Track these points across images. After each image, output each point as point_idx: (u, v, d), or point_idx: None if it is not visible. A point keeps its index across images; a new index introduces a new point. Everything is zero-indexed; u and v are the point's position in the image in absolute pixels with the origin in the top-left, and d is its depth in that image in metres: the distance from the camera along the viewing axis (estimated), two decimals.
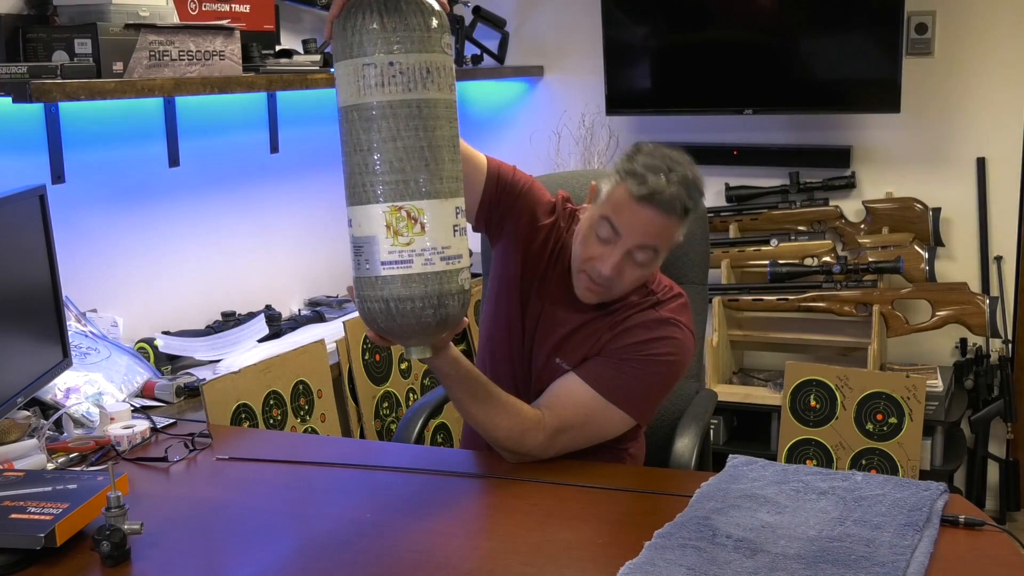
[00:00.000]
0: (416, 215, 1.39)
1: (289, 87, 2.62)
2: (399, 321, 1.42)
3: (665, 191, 1.69)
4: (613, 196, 1.73)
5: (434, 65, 1.39)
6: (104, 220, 2.50)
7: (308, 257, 3.21)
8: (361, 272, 1.43)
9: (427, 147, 1.39)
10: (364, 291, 1.43)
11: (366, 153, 1.39)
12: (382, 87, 1.37)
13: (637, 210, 1.70)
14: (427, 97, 1.39)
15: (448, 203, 1.42)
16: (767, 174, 3.64)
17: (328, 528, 1.53)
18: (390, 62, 1.37)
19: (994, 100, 3.37)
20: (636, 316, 1.79)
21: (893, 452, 2.98)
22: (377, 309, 1.42)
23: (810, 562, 1.34)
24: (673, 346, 1.78)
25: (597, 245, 1.74)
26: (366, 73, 1.37)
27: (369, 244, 1.40)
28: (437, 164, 1.40)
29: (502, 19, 3.78)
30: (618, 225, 1.71)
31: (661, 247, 1.75)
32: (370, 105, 1.38)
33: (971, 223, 3.46)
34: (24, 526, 1.40)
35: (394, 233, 1.39)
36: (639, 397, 1.77)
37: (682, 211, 1.72)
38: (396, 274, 1.39)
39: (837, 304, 3.37)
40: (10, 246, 1.83)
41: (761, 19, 3.50)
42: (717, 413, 3.41)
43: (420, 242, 1.39)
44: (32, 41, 2.11)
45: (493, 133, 3.97)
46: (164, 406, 2.22)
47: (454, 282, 1.42)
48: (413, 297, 1.40)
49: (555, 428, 1.72)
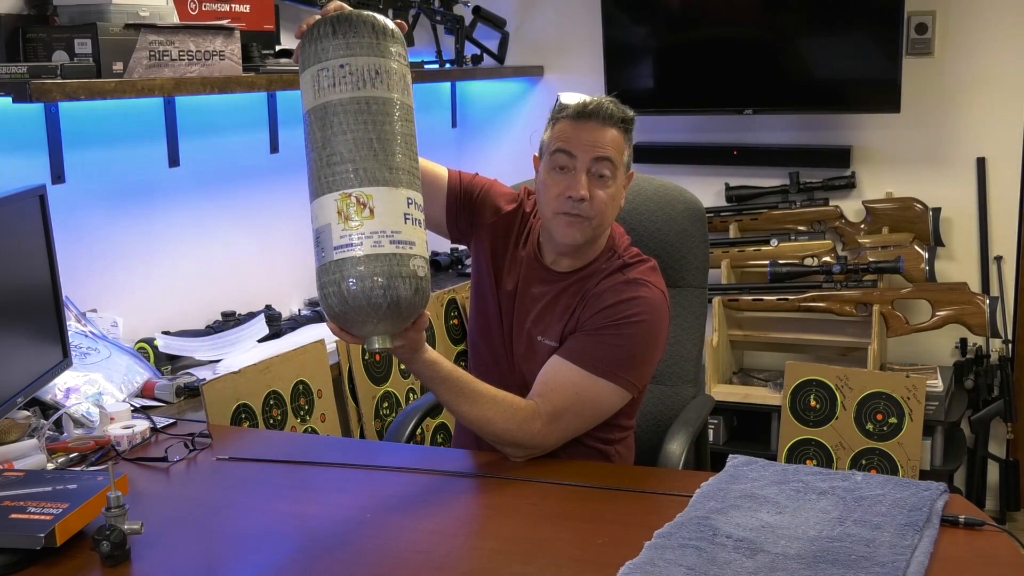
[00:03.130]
0: (365, 200, 1.45)
1: (289, 87, 2.62)
2: (351, 304, 1.46)
3: (594, 103, 1.81)
4: (554, 134, 1.83)
5: (384, 68, 1.50)
6: (104, 220, 2.50)
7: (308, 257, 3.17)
8: (319, 262, 1.49)
9: (376, 139, 1.47)
10: (321, 279, 1.49)
11: (321, 149, 1.48)
12: (334, 87, 1.48)
13: (579, 128, 1.80)
14: (375, 95, 1.48)
15: (398, 192, 1.48)
16: (767, 174, 3.64)
17: (328, 528, 1.53)
18: (341, 64, 1.48)
19: (994, 100, 3.37)
20: (604, 282, 1.83)
21: (893, 452, 2.98)
22: (332, 293, 1.47)
23: (810, 562, 1.34)
24: (643, 305, 1.80)
25: (559, 178, 1.80)
26: (320, 77, 1.49)
27: (325, 232, 1.47)
28: (386, 155, 1.48)
29: (502, 19, 3.78)
30: (569, 148, 1.79)
31: (615, 157, 1.81)
32: (324, 105, 1.48)
33: (971, 223, 3.46)
34: (24, 526, 1.40)
35: (344, 218, 1.45)
36: (622, 364, 1.78)
37: (620, 120, 1.82)
38: (346, 256, 1.45)
39: (837, 304, 3.37)
40: (10, 246, 1.83)
41: (761, 19, 3.50)
42: (717, 413, 3.41)
43: (369, 225, 1.45)
44: (32, 41, 2.11)
45: (493, 133, 3.97)
46: (164, 406, 2.22)
47: (405, 265, 1.46)
48: (362, 277, 1.45)
49: (550, 414, 1.73)
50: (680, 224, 2.17)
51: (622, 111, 1.83)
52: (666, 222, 2.17)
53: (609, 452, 1.88)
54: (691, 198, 2.22)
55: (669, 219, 2.17)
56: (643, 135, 3.76)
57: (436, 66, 3.54)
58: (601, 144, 1.79)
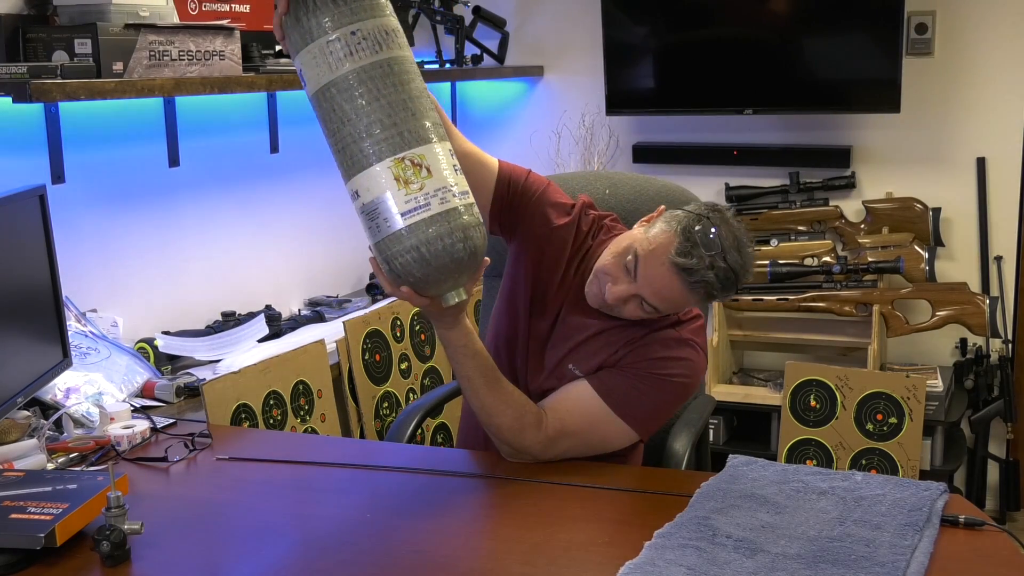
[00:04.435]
0: (419, 160, 1.43)
1: (289, 87, 2.62)
2: (435, 264, 1.45)
3: (698, 272, 1.66)
4: (657, 241, 1.70)
5: (390, 27, 1.47)
6: (104, 220, 2.50)
7: (308, 257, 3.21)
8: (382, 234, 1.45)
9: (409, 99, 1.45)
10: (391, 249, 1.45)
11: (355, 121, 1.43)
12: (352, 55, 1.43)
13: (664, 271, 1.67)
14: (395, 55, 1.46)
15: (442, 145, 1.48)
16: (767, 174, 3.64)
17: (328, 528, 1.53)
18: (352, 31, 1.43)
19: (994, 100, 3.37)
20: (656, 333, 1.78)
21: (893, 452, 2.98)
22: (411, 259, 1.44)
23: (810, 562, 1.34)
24: (687, 368, 1.78)
25: (619, 268, 1.72)
26: (332, 49, 1.43)
27: (382, 204, 1.43)
28: (422, 112, 1.46)
29: (502, 19, 3.78)
30: (640, 272, 1.69)
31: (667, 310, 1.74)
32: (345, 75, 1.43)
33: (971, 223, 3.46)
34: (24, 526, 1.40)
35: (404, 183, 1.42)
36: (647, 414, 1.76)
37: (705, 295, 1.71)
38: (419, 219, 1.42)
39: (837, 304, 3.37)
40: (10, 246, 1.83)
41: (761, 19, 3.50)
42: (717, 413, 3.41)
43: (431, 184, 1.43)
44: (32, 41, 2.12)
45: (493, 133, 3.97)
46: (164, 406, 2.22)
47: (471, 215, 1.47)
48: (441, 236, 1.43)
49: (557, 431, 1.72)
50: None
51: (717, 291, 1.68)
52: None
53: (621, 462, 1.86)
54: (693, 199, 2.21)
55: None
56: (643, 135, 3.77)
57: (436, 66, 3.55)
58: (663, 297, 1.69)
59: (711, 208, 1.74)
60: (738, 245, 1.70)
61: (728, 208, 1.77)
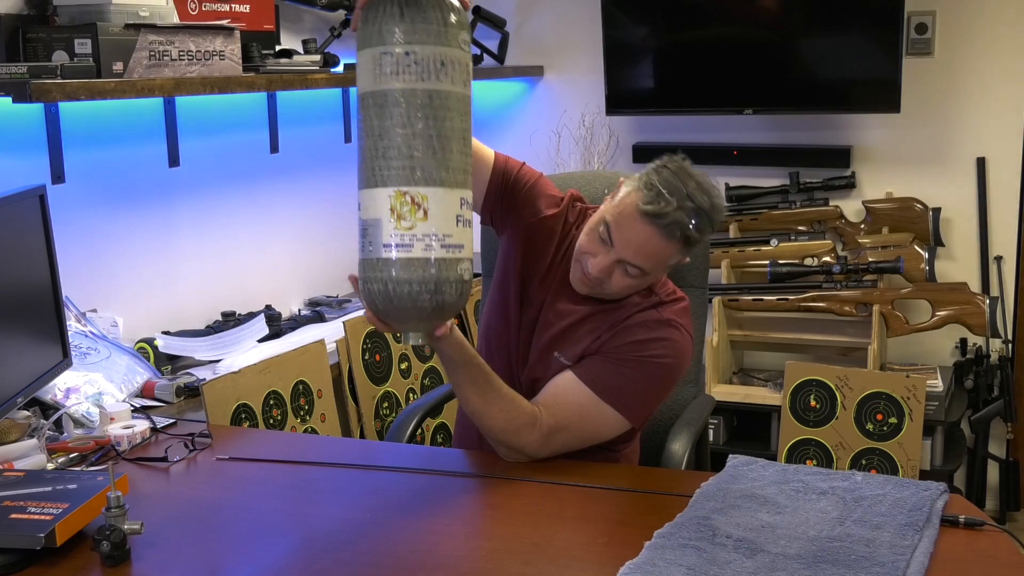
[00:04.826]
0: (420, 201, 1.42)
1: (289, 87, 2.62)
2: (396, 304, 1.44)
3: (669, 215, 1.67)
4: (624, 202, 1.72)
5: (449, 59, 1.42)
6: (104, 220, 2.50)
7: (308, 257, 3.21)
8: (365, 254, 1.45)
9: (436, 136, 1.42)
10: (366, 272, 1.46)
11: (377, 138, 1.42)
12: (397, 75, 1.41)
13: (637, 225, 1.69)
14: (439, 88, 1.42)
15: (453, 193, 1.44)
16: (767, 174, 3.64)
17: (328, 528, 1.53)
18: (406, 52, 1.40)
19: (994, 100, 3.37)
20: (637, 315, 1.79)
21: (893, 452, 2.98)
22: (377, 290, 1.45)
23: (810, 562, 1.34)
24: (671, 348, 1.78)
25: (595, 242, 1.74)
26: (383, 61, 1.41)
27: (374, 227, 1.43)
28: (445, 153, 1.43)
29: (502, 19, 3.77)
30: (614, 235, 1.71)
31: (650, 267, 1.73)
32: (385, 92, 1.41)
33: (971, 223, 3.46)
34: (24, 526, 1.40)
35: (397, 217, 1.42)
36: (635, 399, 1.76)
37: (682, 238, 1.70)
38: (396, 257, 1.42)
39: (837, 304, 3.37)
40: (10, 246, 1.83)
41: (761, 19, 3.50)
42: (717, 413, 3.41)
43: (422, 228, 1.42)
44: (32, 41, 2.11)
45: (493, 133, 3.97)
46: (164, 406, 2.22)
47: (452, 270, 1.44)
48: (411, 280, 1.42)
49: (551, 427, 1.72)
50: None
51: (692, 230, 1.69)
52: None
53: (617, 457, 1.87)
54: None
55: None
56: (643, 135, 3.77)
57: None
58: (644, 253, 1.70)
59: (667, 159, 1.77)
60: (701, 187, 1.71)
61: (684, 158, 1.78)
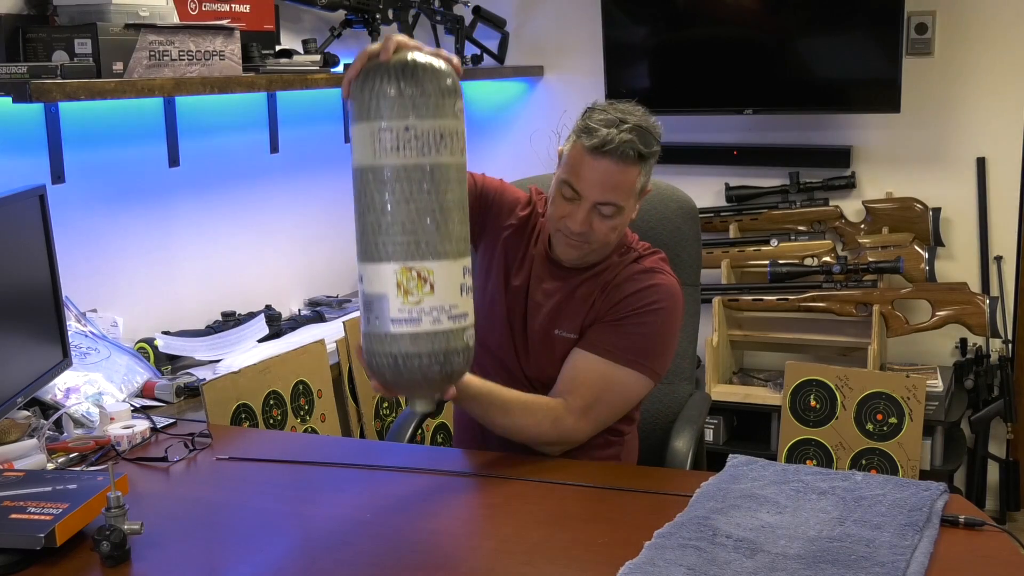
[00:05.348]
0: (426, 275, 1.42)
1: (289, 87, 2.62)
2: (406, 377, 1.45)
3: (615, 139, 1.74)
4: (571, 156, 1.79)
5: (447, 131, 1.43)
6: (104, 220, 2.50)
7: (308, 257, 3.21)
8: (371, 328, 1.45)
9: (438, 210, 1.42)
10: (373, 346, 1.46)
11: (379, 213, 1.41)
12: (397, 151, 1.40)
13: (592, 164, 1.75)
14: (440, 162, 1.42)
15: (457, 263, 1.45)
16: (767, 174, 3.64)
17: (328, 528, 1.53)
18: (406, 127, 1.39)
19: (994, 100, 3.37)
20: (622, 272, 1.85)
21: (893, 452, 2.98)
22: (385, 364, 1.45)
23: (810, 562, 1.34)
24: (661, 292, 1.83)
25: (564, 204, 1.80)
26: (382, 137, 1.40)
27: (380, 301, 1.43)
28: (447, 226, 1.43)
29: (502, 19, 3.77)
30: (577, 185, 1.77)
31: (621, 200, 1.78)
32: (385, 168, 1.40)
33: (971, 223, 3.46)
34: (24, 526, 1.40)
35: (404, 292, 1.42)
36: (645, 351, 1.81)
37: (636, 156, 1.76)
38: (405, 332, 1.42)
39: (837, 304, 3.37)
40: (10, 246, 1.83)
41: (761, 19, 3.50)
42: (717, 413, 3.41)
43: (429, 301, 1.42)
44: (32, 41, 2.11)
45: (493, 133, 3.97)
46: (164, 406, 2.22)
47: (460, 340, 1.46)
48: (420, 354, 1.43)
49: (581, 408, 1.77)
50: (673, 223, 2.18)
51: (642, 146, 1.77)
52: (660, 221, 2.17)
53: (620, 443, 1.91)
54: (683, 196, 2.23)
55: (663, 218, 2.18)
56: None
57: None
58: (609, 186, 1.76)
59: (590, 107, 1.85)
60: (625, 109, 1.81)
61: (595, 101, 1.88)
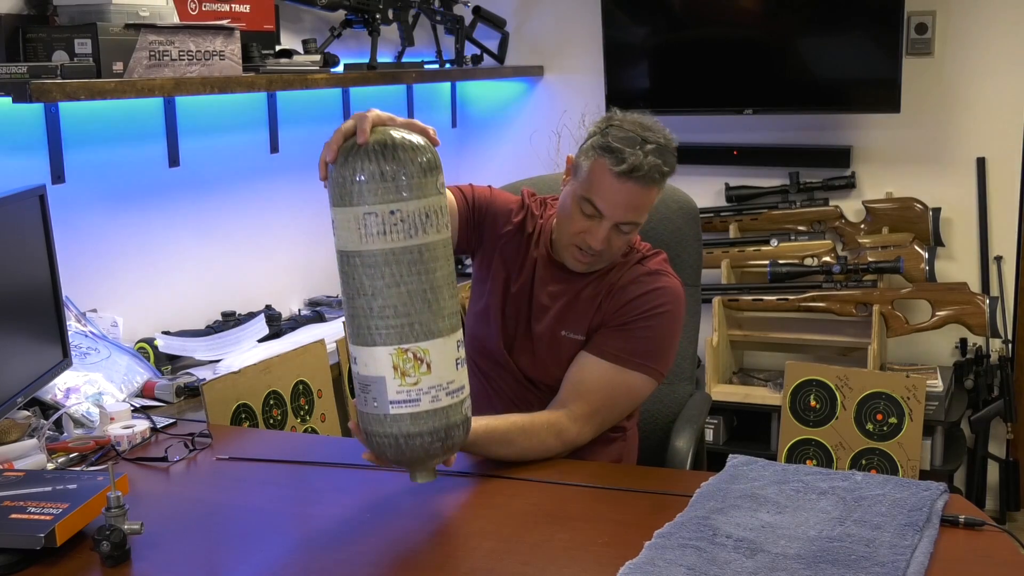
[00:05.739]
0: (422, 355, 1.42)
1: (289, 87, 2.62)
2: (408, 455, 1.46)
3: (643, 165, 1.74)
4: (593, 174, 1.78)
5: (432, 209, 1.41)
6: (104, 220, 2.50)
7: (308, 257, 3.21)
8: (368, 409, 1.45)
9: (429, 289, 1.42)
10: (372, 427, 1.46)
11: (370, 298, 1.41)
12: (384, 235, 1.39)
13: (618, 187, 1.75)
14: (427, 241, 1.41)
15: (450, 339, 1.45)
16: (767, 174, 3.64)
17: (328, 528, 1.53)
18: (391, 211, 1.38)
19: (994, 100, 3.37)
20: (626, 274, 1.87)
21: (893, 452, 2.98)
22: (387, 444, 1.46)
23: (810, 562, 1.34)
24: (666, 295, 1.85)
25: (583, 220, 1.80)
26: (367, 222, 1.38)
27: (377, 384, 1.43)
28: (439, 304, 1.43)
29: (502, 19, 3.78)
30: (600, 206, 1.77)
31: (642, 218, 1.82)
32: (373, 252, 1.39)
33: (971, 223, 3.46)
34: (24, 526, 1.40)
35: (401, 374, 1.42)
36: (651, 354, 1.82)
37: (660, 176, 1.79)
38: (405, 413, 1.43)
39: (837, 304, 3.37)
40: (10, 246, 1.83)
41: (761, 19, 3.50)
42: (717, 413, 3.41)
43: (427, 381, 1.42)
44: (32, 41, 2.11)
45: (493, 133, 3.97)
46: (164, 406, 2.22)
47: (459, 414, 1.47)
48: (422, 433, 1.44)
49: (586, 415, 1.78)
50: (674, 223, 2.18)
51: (665, 167, 1.78)
52: (660, 221, 2.17)
53: (623, 438, 1.93)
54: (684, 197, 2.23)
55: (663, 218, 2.18)
56: None
57: (436, 66, 3.54)
58: (634, 207, 1.78)
59: (606, 120, 1.85)
60: (644, 125, 1.82)
61: (614, 111, 1.88)
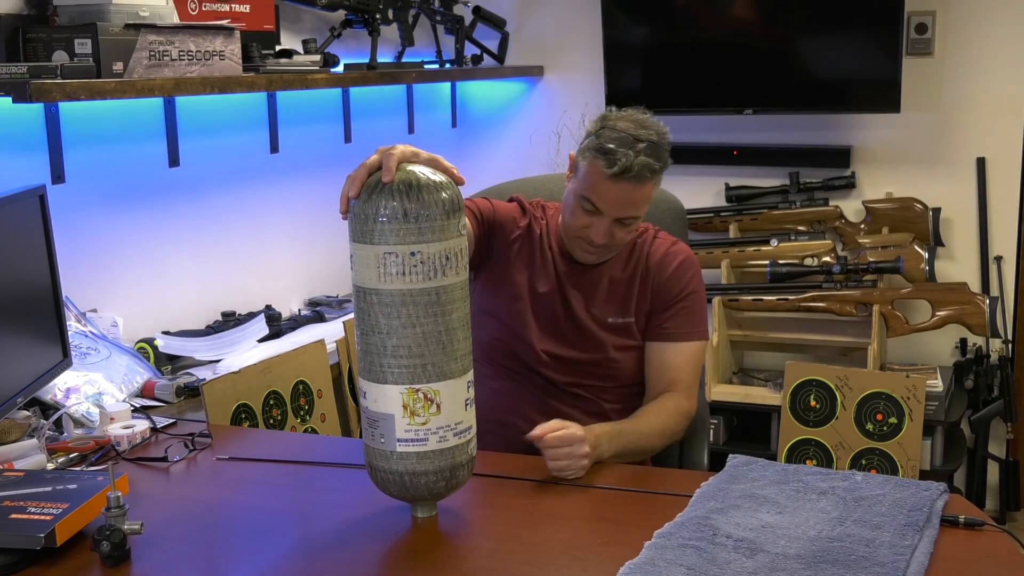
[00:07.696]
0: (432, 396, 1.43)
1: (289, 87, 2.62)
2: (412, 493, 1.48)
3: (634, 166, 1.83)
4: (589, 175, 1.87)
5: (452, 251, 1.42)
6: (104, 220, 2.50)
7: (308, 257, 3.21)
8: (375, 443, 1.46)
9: (444, 331, 1.43)
10: (378, 462, 1.47)
11: (384, 336, 1.42)
12: (403, 276, 1.39)
13: (612, 187, 1.85)
14: (446, 284, 1.42)
15: (461, 380, 1.46)
16: (767, 174, 3.64)
17: (328, 528, 1.53)
18: (412, 252, 1.39)
19: (994, 100, 3.37)
20: (653, 250, 2.01)
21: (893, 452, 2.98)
22: (391, 480, 1.47)
23: (810, 562, 1.34)
24: (691, 263, 2.02)
25: (585, 216, 1.90)
26: (387, 261, 1.39)
27: (386, 421, 1.44)
28: (453, 346, 1.44)
29: (502, 19, 3.77)
30: (598, 204, 1.87)
31: (641, 211, 1.91)
32: (391, 292, 1.40)
33: (971, 223, 3.46)
34: (24, 526, 1.40)
35: (411, 413, 1.43)
36: (702, 320, 2.01)
37: (654, 172, 1.87)
38: (411, 451, 1.44)
39: (837, 304, 3.37)
40: (10, 246, 1.83)
41: (761, 19, 3.50)
42: (717, 413, 3.41)
43: (435, 421, 1.44)
44: (32, 41, 2.11)
45: (493, 133, 3.97)
46: (164, 406, 2.22)
47: (464, 453, 1.48)
48: (427, 472, 1.45)
49: (687, 391, 1.95)
50: (662, 224, 2.18)
51: (657, 164, 1.86)
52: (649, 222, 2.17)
53: None
54: (671, 197, 2.26)
55: (651, 219, 2.18)
56: None
57: (436, 66, 3.54)
58: (630, 204, 1.87)
59: (600, 120, 1.91)
60: (638, 122, 1.89)
61: (610, 110, 1.95)
